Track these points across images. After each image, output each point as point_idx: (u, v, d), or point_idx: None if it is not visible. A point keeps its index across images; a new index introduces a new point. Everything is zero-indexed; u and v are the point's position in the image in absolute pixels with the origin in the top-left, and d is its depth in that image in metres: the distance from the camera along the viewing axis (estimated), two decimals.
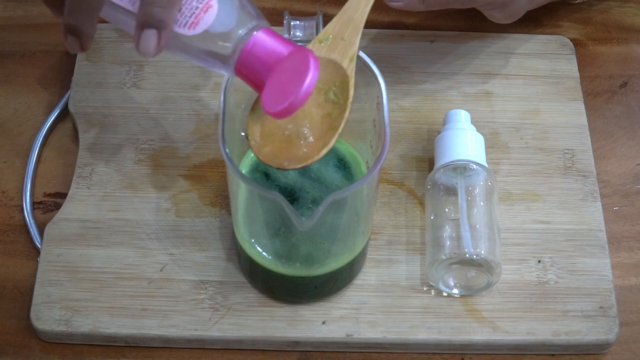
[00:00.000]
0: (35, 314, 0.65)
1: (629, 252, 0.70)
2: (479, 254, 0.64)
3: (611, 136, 0.76)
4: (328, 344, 0.65)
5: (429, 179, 0.69)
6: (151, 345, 0.65)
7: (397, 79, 0.77)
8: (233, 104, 0.60)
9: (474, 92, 0.76)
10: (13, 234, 0.70)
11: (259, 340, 0.65)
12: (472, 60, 0.78)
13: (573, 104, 0.76)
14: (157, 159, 0.72)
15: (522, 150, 0.73)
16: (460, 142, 0.68)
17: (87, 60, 0.77)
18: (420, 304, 0.66)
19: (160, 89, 0.76)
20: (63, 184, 0.72)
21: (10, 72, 0.78)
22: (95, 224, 0.69)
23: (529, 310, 0.66)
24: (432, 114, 0.75)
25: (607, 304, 0.66)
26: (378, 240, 0.68)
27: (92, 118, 0.74)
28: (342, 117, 0.56)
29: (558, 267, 0.68)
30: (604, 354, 0.66)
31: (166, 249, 0.68)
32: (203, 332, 0.64)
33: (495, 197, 0.67)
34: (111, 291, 0.66)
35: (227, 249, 0.68)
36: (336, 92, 0.57)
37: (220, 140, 0.57)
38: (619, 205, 0.72)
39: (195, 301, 0.66)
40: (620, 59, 0.80)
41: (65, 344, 0.65)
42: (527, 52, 0.79)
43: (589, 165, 0.73)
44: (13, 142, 0.74)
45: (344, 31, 0.58)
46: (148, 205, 0.70)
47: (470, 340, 0.65)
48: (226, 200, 0.70)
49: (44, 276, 0.66)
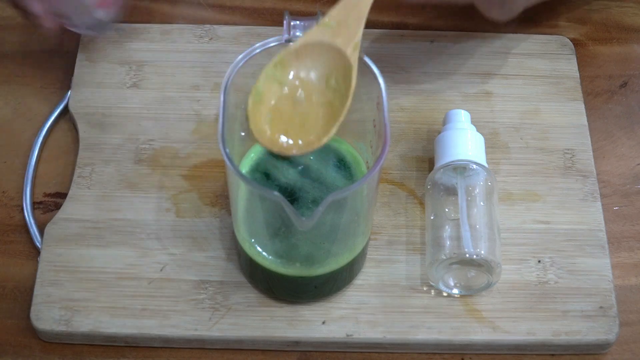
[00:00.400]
0: (35, 314, 0.65)
1: (629, 252, 0.70)
2: (479, 254, 0.64)
3: (611, 136, 0.76)
4: (328, 344, 0.65)
5: (429, 179, 0.69)
6: (151, 345, 0.65)
7: (397, 79, 0.77)
8: (233, 104, 0.60)
9: (474, 92, 0.76)
10: (13, 234, 0.70)
11: (259, 340, 0.65)
12: (472, 60, 0.78)
13: (573, 104, 0.76)
14: (157, 159, 0.72)
15: (522, 150, 0.73)
16: (460, 142, 0.68)
17: (87, 60, 0.77)
18: (420, 304, 0.66)
19: (160, 89, 0.76)
20: (63, 184, 0.72)
21: (10, 72, 0.78)
22: (95, 224, 0.69)
23: (529, 310, 0.66)
24: (432, 114, 0.75)
25: (607, 304, 0.66)
26: (378, 240, 0.68)
27: (92, 118, 0.74)
28: (344, 107, 0.56)
29: (558, 267, 0.68)
30: (604, 354, 0.66)
31: (166, 249, 0.68)
32: (203, 332, 0.64)
33: (495, 197, 0.67)
34: (111, 291, 0.66)
35: (227, 249, 0.68)
36: (338, 79, 0.57)
37: (220, 140, 0.57)
38: (619, 205, 0.72)
39: (195, 301, 0.66)
40: (620, 59, 0.80)
41: (65, 344, 0.65)
42: (526, 52, 0.79)
43: (589, 165, 0.73)
44: (13, 142, 0.74)
45: (349, 17, 0.58)
46: (148, 205, 0.70)
47: (470, 340, 0.65)
48: (226, 200, 0.70)
49: (44, 276, 0.66)
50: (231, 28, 0.80)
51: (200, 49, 0.78)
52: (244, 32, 0.79)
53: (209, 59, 0.78)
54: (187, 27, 0.80)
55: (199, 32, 0.79)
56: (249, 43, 0.77)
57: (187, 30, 0.79)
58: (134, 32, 0.79)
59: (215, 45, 0.79)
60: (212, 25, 0.80)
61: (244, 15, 0.83)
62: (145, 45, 0.78)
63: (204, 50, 0.78)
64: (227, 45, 0.78)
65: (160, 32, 0.79)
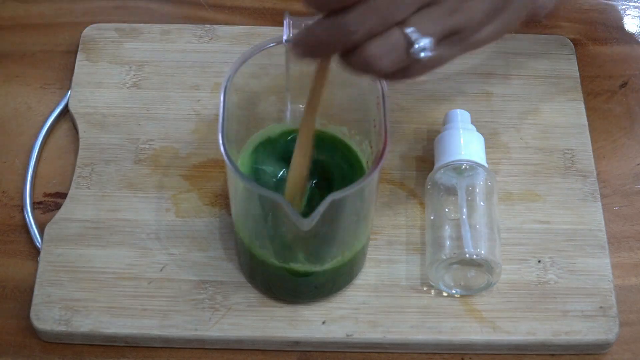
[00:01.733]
0: (35, 314, 0.65)
1: (629, 252, 0.70)
2: (479, 254, 0.64)
3: (611, 136, 0.76)
4: (328, 344, 0.65)
5: (429, 179, 0.69)
6: (151, 345, 0.65)
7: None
8: (233, 104, 0.60)
9: (474, 92, 0.76)
10: (13, 234, 0.70)
11: (259, 340, 0.65)
12: (472, 60, 0.78)
13: (573, 104, 0.76)
14: (157, 159, 0.72)
15: (522, 150, 0.73)
16: (460, 142, 0.68)
17: (87, 60, 0.77)
18: (420, 304, 0.66)
19: (160, 89, 0.76)
20: (63, 184, 0.72)
21: (10, 72, 0.78)
22: (95, 224, 0.69)
23: (529, 310, 0.66)
24: (432, 114, 0.75)
25: (607, 304, 0.66)
26: (378, 240, 0.68)
27: (92, 118, 0.74)
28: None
29: (558, 267, 0.68)
30: (604, 354, 0.66)
31: (166, 249, 0.68)
32: (203, 332, 0.64)
33: (495, 197, 0.67)
34: (111, 291, 0.66)
35: (227, 249, 0.68)
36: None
37: (220, 140, 0.57)
38: (619, 205, 0.72)
39: (195, 301, 0.66)
40: (620, 59, 0.80)
41: (65, 344, 0.65)
42: (527, 52, 0.79)
43: (589, 165, 0.73)
44: (13, 142, 0.74)
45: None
46: (148, 205, 0.70)
47: (470, 340, 0.65)
48: (226, 200, 0.70)
49: (44, 276, 0.66)
50: (231, 28, 0.80)
51: (200, 49, 0.78)
52: (244, 32, 0.79)
53: (209, 59, 0.78)
54: (187, 27, 0.80)
55: (199, 32, 0.79)
56: (249, 43, 0.78)
57: (187, 30, 0.79)
58: (134, 32, 0.79)
59: (215, 45, 0.79)
60: (212, 25, 0.80)
61: (244, 15, 0.83)
62: (145, 45, 0.78)
63: (204, 50, 0.78)
64: (227, 45, 0.78)
65: (160, 32, 0.79)
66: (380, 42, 0.51)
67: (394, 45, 0.51)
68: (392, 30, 0.51)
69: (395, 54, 0.51)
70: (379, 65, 0.51)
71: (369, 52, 0.51)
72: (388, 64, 0.52)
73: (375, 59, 0.51)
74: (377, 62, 0.51)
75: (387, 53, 0.51)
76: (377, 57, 0.51)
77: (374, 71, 0.52)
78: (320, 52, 0.53)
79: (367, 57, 0.51)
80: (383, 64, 0.51)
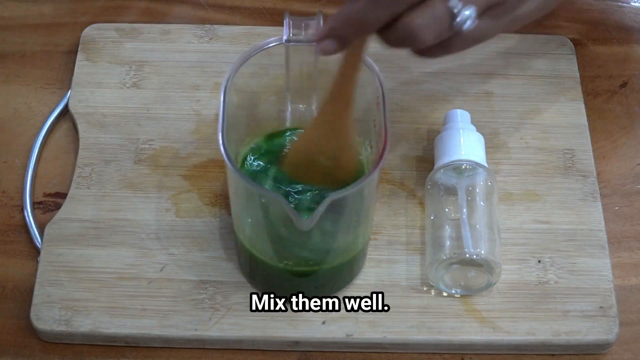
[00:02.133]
0: (35, 314, 0.65)
1: (629, 252, 0.70)
2: (479, 254, 0.64)
3: (611, 136, 0.76)
4: (328, 344, 0.65)
5: (429, 179, 0.69)
6: (151, 345, 0.65)
7: (397, 79, 0.76)
8: (233, 104, 0.60)
9: (474, 92, 0.76)
10: (13, 234, 0.70)
11: (259, 340, 0.65)
12: (472, 60, 0.78)
13: (573, 104, 0.76)
14: (157, 159, 0.72)
15: (522, 150, 0.73)
16: (460, 142, 0.68)
17: (87, 60, 0.77)
18: (420, 304, 0.66)
19: (160, 89, 0.76)
20: (63, 184, 0.72)
21: (10, 72, 0.78)
22: (95, 224, 0.69)
23: (529, 310, 0.66)
24: (432, 114, 0.75)
25: (607, 304, 0.66)
26: (378, 240, 0.68)
27: (92, 118, 0.74)
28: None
29: (558, 267, 0.68)
30: (604, 354, 0.66)
31: (166, 249, 0.68)
32: (203, 332, 0.64)
33: (495, 197, 0.67)
34: (111, 291, 0.66)
35: (227, 249, 0.68)
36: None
37: (220, 140, 0.57)
38: (619, 205, 0.72)
39: (195, 301, 0.66)
40: (620, 59, 0.80)
41: (65, 344, 0.65)
42: (527, 52, 0.79)
43: (589, 165, 0.73)
44: (13, 142, 0.74)
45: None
46: (148, 205, 0.70)
47: (470, 340, 0.65)
48: (226, 200, 0.70)
49: (44, 276, 0.66)
50: (231, 28, 0.80)
51: (200, 49, 0.78)
52: (244, 32, 0.79)
53: (209, 59, 0.78)
54: (187, 27, 0.80)
55: (199, 32, 0.79)
56: (249, 43, 0.78)
57: (187, 30, 0.79)
58: (134, 32, 0.79)
59: (215, 45, 0.79)
60: (212, 25, 0.80)
61: (244, 15, 0.83)
62: (145, 45, 0.78)
63: (204, 50, 0.78)
64: (227, 45, 0.78)
65: (160, 32, 0.79)
66: (423, 12, 0.50)
67: (437, 16, 0.50)
68: (434, 1, 0.50)
69: (439, 25, 0.50)
70: (421, 37, 0.50)
71: (412, 24, 0.49)
72: (431, 36, 0.50)
73: (418, 30, 0.50)
74: (420, 33, 0.50)
75: (431, 24, 0.50)
76: (420, 29, 0.50)
77: (416, 43, 0.51)
78: (361, 31, 0.51)
79: (409, 29, 0.50)
80: (426, 35, 0.50)
